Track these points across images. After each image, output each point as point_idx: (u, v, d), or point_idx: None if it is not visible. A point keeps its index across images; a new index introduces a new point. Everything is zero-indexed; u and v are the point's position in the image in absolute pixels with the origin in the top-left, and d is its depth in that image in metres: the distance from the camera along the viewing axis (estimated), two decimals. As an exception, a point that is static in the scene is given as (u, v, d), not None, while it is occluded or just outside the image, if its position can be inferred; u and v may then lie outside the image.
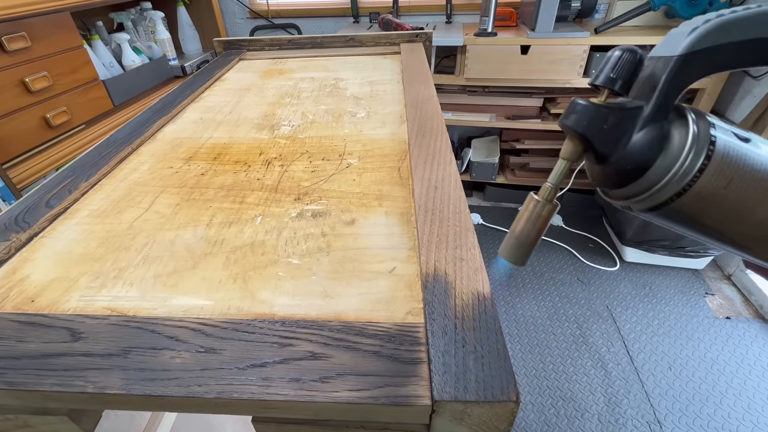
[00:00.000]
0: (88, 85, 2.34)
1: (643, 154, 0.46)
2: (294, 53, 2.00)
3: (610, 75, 0.48)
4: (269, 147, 1.10)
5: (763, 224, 0.43)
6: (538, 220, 0.56)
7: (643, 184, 0.47)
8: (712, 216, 0.45)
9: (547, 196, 0.55)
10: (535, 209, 0.56)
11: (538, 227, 0.56)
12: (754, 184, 0.42)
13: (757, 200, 0.43)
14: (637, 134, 0.46)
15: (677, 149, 0.44)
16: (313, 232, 0.78)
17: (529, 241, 0.57)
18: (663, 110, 0.45)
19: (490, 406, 0.47)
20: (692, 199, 0.44)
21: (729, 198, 0.43)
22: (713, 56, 0.43)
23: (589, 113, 0.48)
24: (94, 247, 0.78)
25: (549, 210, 0.55)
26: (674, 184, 0.44)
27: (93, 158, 1.07)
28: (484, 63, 2.99)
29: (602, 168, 0.51)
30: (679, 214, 0.46)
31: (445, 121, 1.10)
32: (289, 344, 0.56)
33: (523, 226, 0.57)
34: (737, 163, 0.42)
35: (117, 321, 0.61)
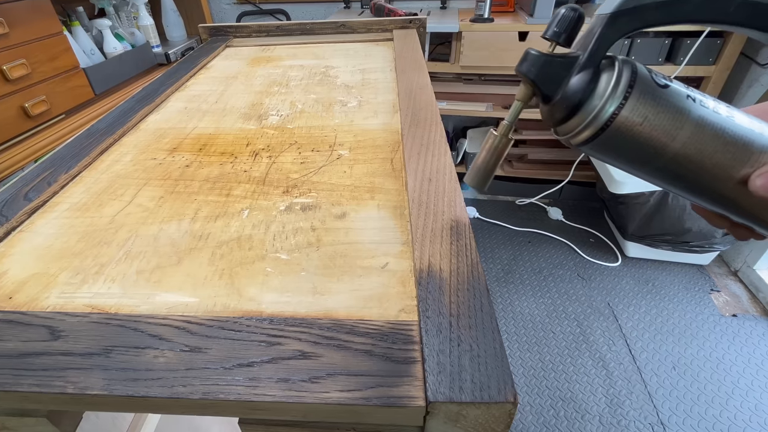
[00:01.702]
0: (68, 73, 2.34)
1: (577, 94, 0.54)
2: (282, 40, 1.99)
3: (554, 29, 0.56)
4: (257, 137, 1.10)
5: (677, 160, 0.52)
6: (496, 152, 0.65)
7: (577, 120, 0.55)
8: (633, 149, 0.53)
9: (504, 132, 0.63)
10: (493, 143, 0.64)
11: (495, 158, 0.65)
12: (666, 122, 0.51)
13: (669, 136, 0.51)
14: (573, 78, 0.54)
15: (602, 90, 0.52)
16: (303, 226, 0.78)
17: (488, 169, 0.66)
18: (594, 58, 0.53)
19: (486, 407, 0.47)
20: (615, 133, 0.52)
21: (645, 133, 0.51)
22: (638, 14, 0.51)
23: (538, 61, 0.56)
24: (75, 241, 0.78)
25: (504, 143, 0.64)
26: (599, 120, 0.52)
27: (73, 149, 1.07)
28: (481, 50, 2.99)
29: (548, 108, 0.59)
30: (607, 146, 0.54)
31: (439, 110, 1.10)
32: (278, 343, 0.56)
33: (484, 156, 0.66)
34: (651, 103, 0.51)
35: (98, 319, 0.61)
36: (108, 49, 2.71)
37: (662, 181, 0.56)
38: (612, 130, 0.52)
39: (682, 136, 0.51)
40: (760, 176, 0.49)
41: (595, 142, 0.54)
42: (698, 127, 0.50)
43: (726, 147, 0.50)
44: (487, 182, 0.68)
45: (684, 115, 0.50)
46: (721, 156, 0.51)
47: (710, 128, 0.50)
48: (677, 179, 0.54)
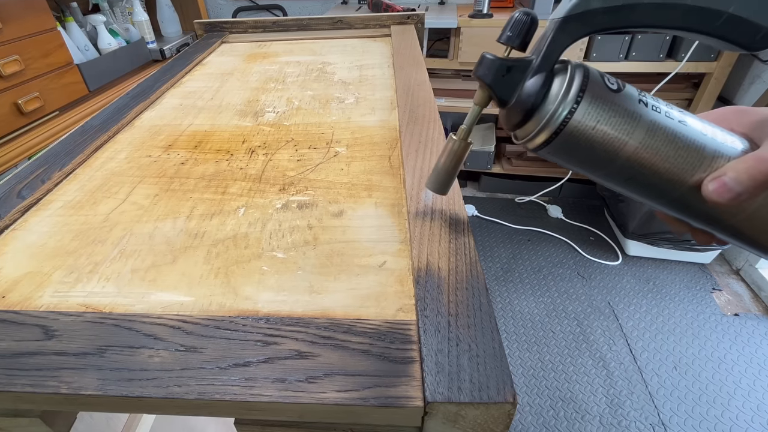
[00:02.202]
0: (61, 69, 2.34)
1: (531, 98, 0.56)
2: (279, 36, 1.99)
3: (508, 33, 0.58)
4: (253, 135, 1.10)
5: (630, 164, 0.53)
6: (455, 156, 0.67)
7: (532, 124, 0.56)
8: (587, 153, 0.54)
9: (462, 136, 0.65)
10: (453, 147, 0.67)
11: (454, 162, 0.68)
12: (618, 127, 0.52)
13: (621, 141, 0.52)
14: (527, 82, 0.56)
15: (555, 95, 0.54)
16: (299, 225, 0.78)
17: (447, 173, 0.69)
18: (547, 63, 0.55)
19: (485, 407, 0.47)
20: (568, 137, 0.54)
21: (598, 137, 0.53)
22: (587, 19, 0.52)
23: (493, 66, 0.57)
24: (69, 240, 0.78)
25: (463, 147, 0.66)
26: (552, 124, 0.54)
27: (67, 146, 1.07)
28: (479, 46, 2.99)
29: (505, 112, 0.60)
30: (562, 150, 0.56)
31: (438, 107, 1.10)
32: (274, 342, 0.56)
33: (444, 160, 0.68)
34: (603, 108, 0.52)
35: (92, 318, 0.61)
36: (102, 45, 2.71)
37: (619, 185, 0.57)
38: (565, 134, 0.54)
39: (635, 140, 0.52)
40: (713, 181, 0.51)
41: (551, 146, 0.56)
42: (650, 132, 0.52)
43: (678, 152, 0.52)
44: (448, 186, 0.71)
45: (635, 119, 0.52)
46: (674, 161, 0.52)
47: (662, 132, 0.52)
48: (633, 183, 0.56)
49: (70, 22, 2.52)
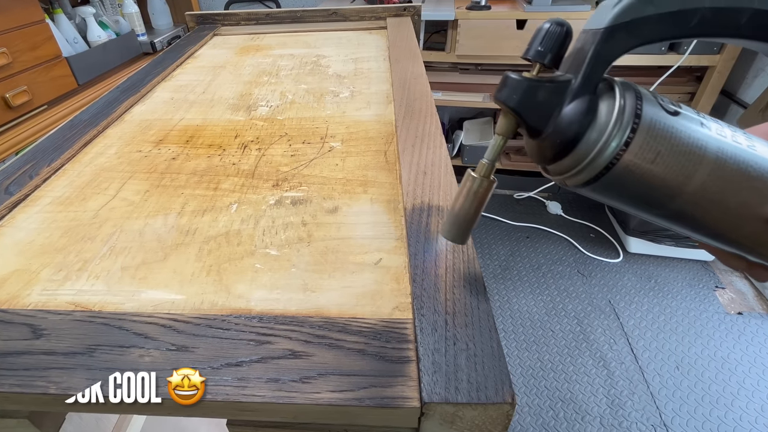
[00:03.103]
0: (50, 62, 2.33)
1: (572, 127, 0.48)
2: (272, 28, 2.00)
3: (538, 48, 0.50)
4: (245, 129, 1.10)
5: (695, 200, 0.46)
6: (476, 197, 0.57)
7: (573, 158, 0.49)
8: (643, 191, 0.47)
9: (484, 173, 0.56)
10: (472, 186, 0.57)
11: (476, 204, 0.58)
12: (682, 158, 0.45)
13: (686, 175, 0.45)
14: (566, 108, 0.48)
15: (604, 122, 0.46)
16: (293, 221, 0.78)
17: (468, 218, 0.59)
18: (590, 83, 0.48)
19: (483, 408, 0.48)
20: (621, 172, 0.46)
21: (658, 172, 0.45)
22: (637, 29, 0.45)
23: (520, 87, 0.49)
24: (57, 237, 0.78)
25: (486, 187, 0.57)
26: (602, 157, 0.46)
27: (56, 141, 1.07)
28: (477, 39, 2.99)
29: (537, 143, 0.53)
30: (611, 188, 0.48)
31: (434, 101, 1.11)
32: (267, 342, 0.56)
33: (462, 203, 0.58)
34: (664, 136, 0.45)
35: (81, 317, 0.61)
36: (92, 38, 2.70)
37: (676, 224, 0.50)
38: (618, 169, 0.46)
39: (702, 173, 0.45)
40: None
41: (596, 184, 0.48)
42: (719, 162, 0.45)
43: (752, 183, 0.45)
44: (467, 234, 0.61)
45: (701, 148, 0.45)
46: (747, 193, 0.45)
47: (732, 161, 0.45)
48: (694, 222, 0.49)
49: (58, 14, 2.52)
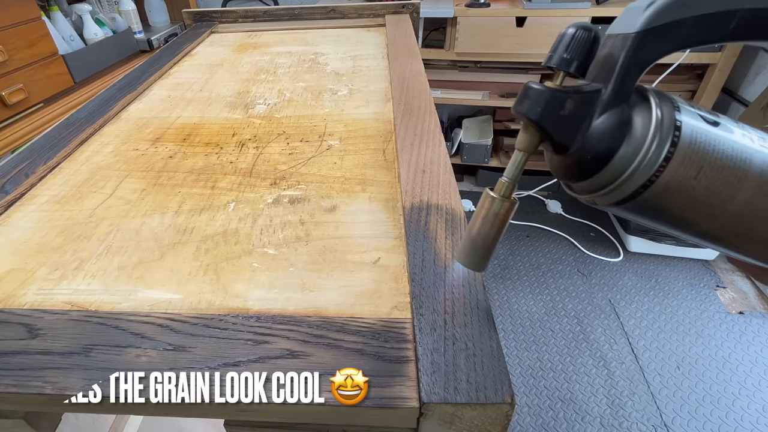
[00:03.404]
0: (46, 60, 2.33)
1: (604, 142, 0.45)
2: (270, 26, 1.99)
3: (564, 55, 0.47)
4: (243, 127, 1.10)
5: (740, 217, 0.43)
6: (496, 219, 0.53)
7: (606, 176, 0.45)
8: (684, 209, 0.44)
9: (504, 193, 0.52)
10: (491, 207, 0.53)
11: (496, 228, 0.53)
12: (726, 173, 0.41)
13: (730, 192, 0.42)
14: (596, 121, 0.45)
15: (640, 136, 0.43)
16: (291, 220, 0.78)
17: (487, 243, 0.55)
18: (623, 93, 0.44)
19: (482, 408, 0.48)
20: (660, 191, 0.43)
21: (701, 189, 0.42)
22: (673, 32, 0.42)
23: (543, 98, 0.46)
24: (53, 236, 0.78)
25: (507, 208, 0.52)
26: (639, 175, 0.43)
27: (52, 139, 1.07)
28: (477, 36, 2.99)
29: (562, 159, 0.50)
30: (647, 207, 0.45)
31: (433, 99, 1.11)
32: (265, 341, 0.56)
33: (480, 226, 0.54)
34: (707, 149, 0.41)
35: (78, 316, 0.61)
36: (88, 35, 2.70)
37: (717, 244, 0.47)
38: (656, 187, 0.43)
39: (747, 188, 0.41)
40: None
41: (632, 203, 0.45)
42: (764, 175, 0.41)
43: None
44: (487, 260, 0.57)
45: (746, 161, 0.41)
46: None
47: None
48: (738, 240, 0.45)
49: (54, 11, 2.51)
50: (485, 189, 0.53)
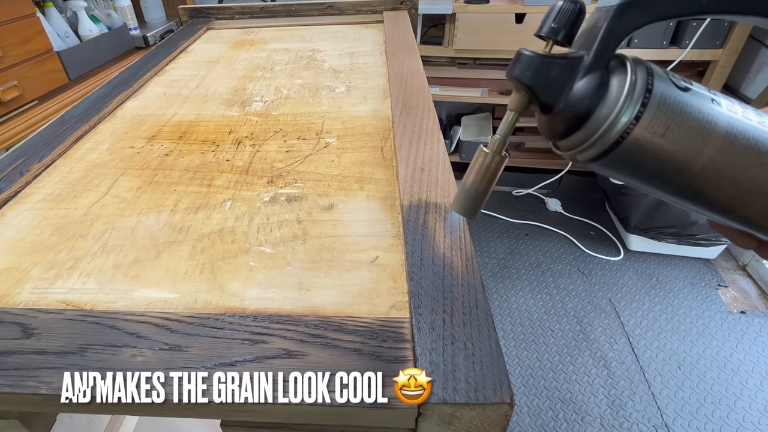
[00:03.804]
0: (41, 57, 2.32)
1: (584, 102, 0.49)
2: (267, 22, 1.99)
3: (552, 25, 0.52)
4: (240, 125, 1.10)
5: (705, 174, 0.47)
6: (487, 172, 0.61)
7: (584, 133, 0.50)
8: (652, 165, 0.48)
9: (496, 148, 0.59)
10: (484, 161, 0.60)
11: (487, 179, 0.61)
12: (691, 133, 0.46)
13: (695, 150, 0.46)
14: (578, 84, 0.50)
15: (615, 97, 0.47)
16: (288, 218, 0.78)
17: (478, 193, 0.62)
18: (602, 59, 0.49)
19: (481, 408, 0.48)
20: (631, 147, 0.47)
21: (668, 146, 0.46)
22: (650, 5, 0.46)
23: (533, 64, 0.51)
24: (48, 234, 0.78)
25: (498, 162, 0.60)
26: (612, 132, 0.47)
27: (46, 137, 1.07)
28: (475, 33, 2.99)
29: (548, 119, 0.55)
30: (620, 163, 0.50)
31: (432, 96, 1.11)
32: (262, 341, 0.56)
33: (473, 178, 0.62)
34: (674, 111, 0.46)
35: (73, 316, 0.61)
36: (83, 32, 2.69)
37: (686, 200, 0.51)
38: (628, 144, 0.47)
39: (711, 148, 0.46)
40: None
41: (607, 158, 0.49)
42: (728, 138, 0.46)
43: (761, 159, 0.46)
44: (478, 208, 0.65)
45: (711, 123, 0.46)
46: (756, 170, 0.46)
47: (742, 138, 0.46)
48: (704, 198, 0.50)
49: (49, 7, 2.51)
50: (480, 145, 0.60)
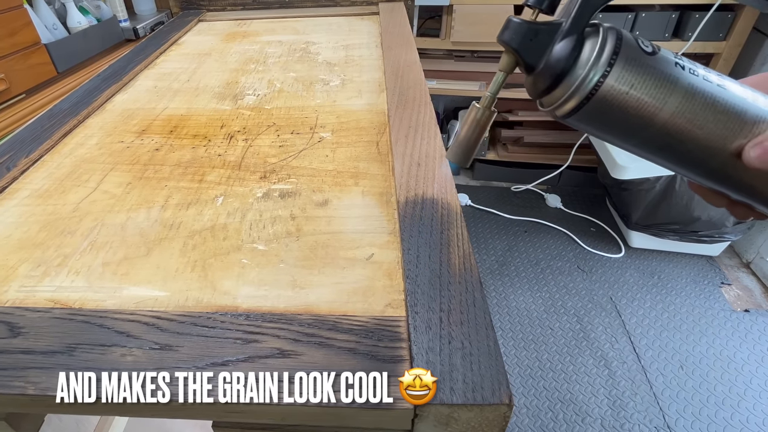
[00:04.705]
0: (28, 49, 2.31)
1: (560, 63, 0.55)
2: (259, 14, 1.99)
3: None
4: (232, 119, 1.10)
5: (666, 130, 0.53)
6: (478, 125, 0.66)
7: (561, 90, 0.56)
8: (619, 120, 0.54)
9: (486, 104, 0.65)
10: (476, 116, 0.66)
11: (477, 132, 0.67)
12: (653, 90, 0.52)
13: (657, 106, 0.52)
14: (557, 46, 0.56)
15: (587, 58, 0.53)
16: (281, 215, 0.78)
17: (470, 144, 0.68)
18: (578, 25, 0.55)
19: (479, 409, 0.48)
20: (600, 102, 0.53)
21: (632, 102, 0.52)
22: None
23: (520, 29, 0.57)
24: (36, 231, 0.78)
25: (487, 116, 0.66)
26: (584, 88, 0.53)
27: (34, 131, 1.07)
28: (473, 25, 2.98)
29: (532, 78, 0.60)
30: (592, 117, 0.56)
31: (429, 90, 1.11)
32: (254, 340, 0.56)
33: (466, 131, 0.67)
34: (637, 71, 0.52)
35: (61, 314, 0.61)
36: (72, 24, 2.68)
37: (653, 154, 0.57)
38: (597, 99, 0.53)
39: (671, 104, 0.52)
40: (755, 147, 0.50)
41: (580, 112, 0.55)
42: (687, 96, 0.51)
43: (717, 117, 0.52)
44: (470, 157, 0.70)
45: (672, 82, 0.52)
46: (713, 126, 0.52)
47: (700, 97, 0.51)
48: (668, 152, 0.56)
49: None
50: (472, 102, 0.67)
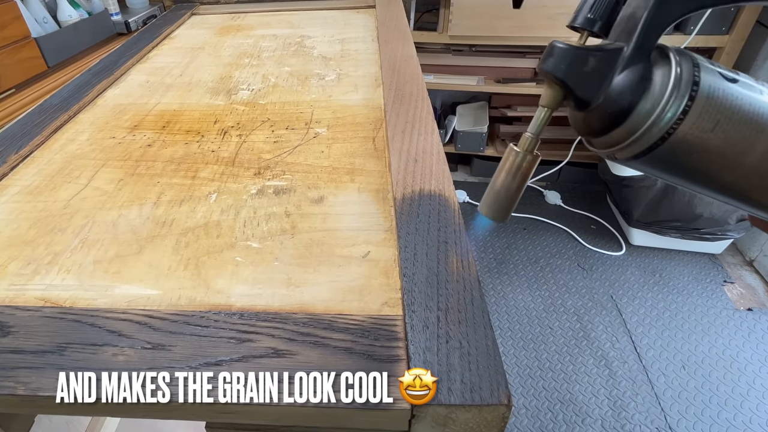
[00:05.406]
0: (18, 43, 2.31)
1: (625, 97, 0.48)
2: (254, 7, 1.99)
3: (588, 15, 0.50)
4: (225, 114, 1.10)
5: (756, 171, 0.46)
6: (519, 172, 0.57)
7: (625, 129, 0.48)
8: (700, 162, 0.47)
9: (528, 147, 0.56)
10: (515, 161, 0.57)
11: (518, 181, 0.58)
12: (743, 126, 0.44)
13: (747, 144, 0.45)
14: (617, 77, 0.48)
15: (659, 91, 0.46)
16: (276, 212, 0.78)
17: (509, 195, 0.59)
18: (643, 51, 0.48)
19: (477, 410, 0.48)
20: (678, 143, 0.46)
21: (716, 142, 0.45)
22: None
23: (568, 57, 0.49)
24: (26, 228, 0.78)
25: (530, 162, 0.57)
26: (657, 128, 0.46)
27: (24, 127, 1.07)
28: (471, 18, 2.98)
29: (584, 115, 0.53)
30: (665, 161, 0.48)
31: (426, 84, 1.11)
32: (248, 340, 0.56)
33: (504, 179, 0.58)
34: (723, 104, 0.44)
35: (51, 313, 0.61)
36: (62, 18, 2.67)
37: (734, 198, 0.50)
38: (674, 140, 0.46)
39: (764, 142, 0.45)
40: None
41: (650, 156, 0.48)
42: None
43: None
44: (509, 212, 0.61)
45: (763, 116, 0.44)
46: None
47: None
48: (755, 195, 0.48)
49: (26, -9, 2.51)
50: (510, 144, 0.57)
